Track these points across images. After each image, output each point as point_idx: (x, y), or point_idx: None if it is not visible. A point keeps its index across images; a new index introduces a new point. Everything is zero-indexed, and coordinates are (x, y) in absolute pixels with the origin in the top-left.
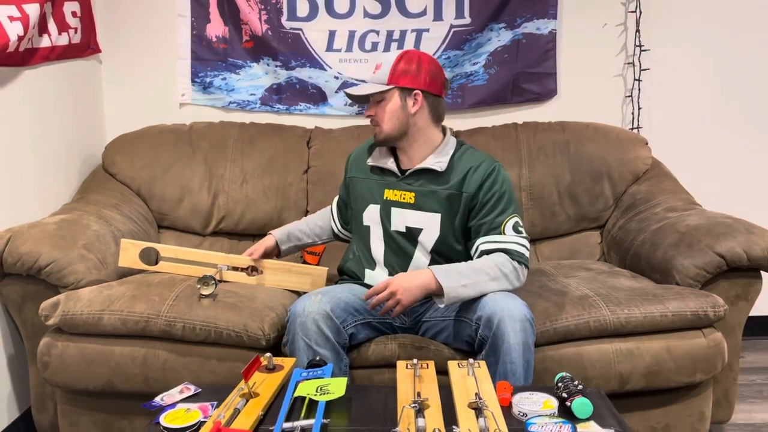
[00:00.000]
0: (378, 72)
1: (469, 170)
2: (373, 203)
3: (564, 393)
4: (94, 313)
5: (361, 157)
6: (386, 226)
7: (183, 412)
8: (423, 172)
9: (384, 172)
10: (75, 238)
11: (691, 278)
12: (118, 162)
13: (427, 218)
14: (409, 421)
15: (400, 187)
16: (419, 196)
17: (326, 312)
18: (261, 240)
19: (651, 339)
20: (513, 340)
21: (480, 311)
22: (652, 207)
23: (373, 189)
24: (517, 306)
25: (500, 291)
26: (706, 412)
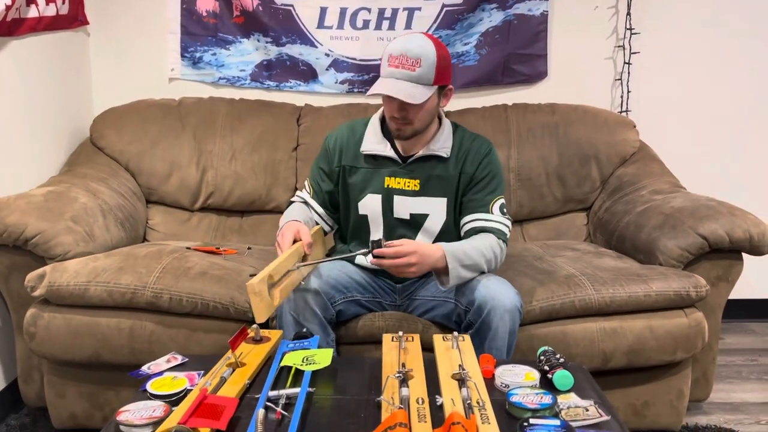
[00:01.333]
0: (419, 70)
1: (468, 151)
2: (372, 192)
3: (546, 366)
4: (80, 284)
5: (351, 144)
6: (388, 215)
7: (170, 379)
8: (427, 157)
9: (380, 159)
10: (62, 210)
11: (674, 259)
12: (107, 136)
13: (434, 204)
14: (393, 390)
15: (403, 175)
16: (425, 182)
17: (314, 288)
18: (296, 228)
19: (634, 318)
20: (501, 329)
21: (471, 296)
22: (638, 189)
23: (370, 178)
24: (509, 294)
25: (492, 275)
26: (685, 390)
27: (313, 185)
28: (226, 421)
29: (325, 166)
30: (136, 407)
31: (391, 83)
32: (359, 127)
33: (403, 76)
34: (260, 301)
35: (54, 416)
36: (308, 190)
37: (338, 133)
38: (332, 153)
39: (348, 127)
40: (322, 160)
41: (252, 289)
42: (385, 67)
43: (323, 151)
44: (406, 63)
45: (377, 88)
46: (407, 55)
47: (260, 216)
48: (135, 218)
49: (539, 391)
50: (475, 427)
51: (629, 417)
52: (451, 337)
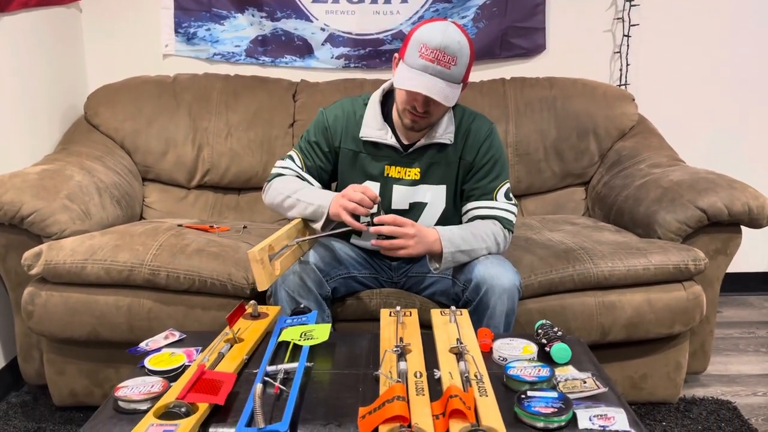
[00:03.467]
0: (454, 68)
1: (468, 134)
2: (370, 179)
3: (543, 339)
4: (77, 262)
5: (350, 126)
6: (386, 204)
7: (168, 355)
8: (429, 145)
9: (380, 146)
10: (58, 188)
11: (672, 232)
12: (101, 113)
13: (434, 192)
14: (391, 364)
15: (403, 164)
16: (426, 170)
17: (309, 265)
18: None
19: (633, 292)
20: (498, 309)
21: (469, 274)
22: (636, 163)
23: (368, 165)
24: (507, 274)
25: (492, 256)
26: (683, 362)
27: (305, 159)
28: (224, 396)
29: (323, 142)
30: (135, 383)
31: (427, 80)
32: (359, 107)
33: (437, 73)
34: (262, 268)
35: (54, 394)
36: (299, 163)
37: (338, 111)
38: (332, 131)
39: (348, 105)
40: (319, 134)
41: (254, 257)
42: (416, 57)
43: (320, 126)
44: (443, 59)
45: (411, 83)
46: (446, 52)
47: (257, 193)
48: (131, 196)
49: (537, 364)
50: (473, 399)
51: (627, 390)
52: (449, 312)
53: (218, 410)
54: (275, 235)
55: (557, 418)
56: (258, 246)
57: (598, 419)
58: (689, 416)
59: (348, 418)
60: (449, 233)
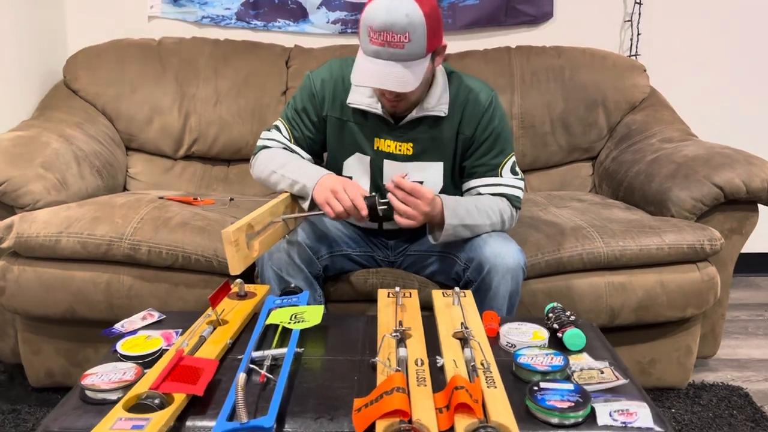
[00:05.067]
0: (408, 46)
1: (465, 106)
2: (360, 152)
3: (555, 324)
4: (50, 235)
5: (338, 92)
6: (376, 180)
7: (143, 339)
8: (422, 118)
9: (370, 115)
10: (32, 156)
11: (687, 211)
12: (81, 77)
13: (429, 169)
14: (389, 350)
15: (394, 137)
16: (419, 145)
17: (297, 241)
18: (350, 182)
19: (644, 272)
20: (501, 289)
21: (471, 253)
22: (647, 138)
23: (357, 136)
24: (511, 253)
25: (496, 234)
26: (693, 347)
27: (293, 130)
28: (203, 386)
29: (311, 110)
30: (105, 369)
31: (380, 68)
32: (348, 71)
33: (390, 56)
34: (236, 251)
35: (30, 374)
36: (286, 135)
37: (325, 74)
38: (320, 97)
39: (336, 68)
40: (306, 101)
41: (227, 237)
42: (368, 43)
43: (308, 92)
44: (392, 40)
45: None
46: (393, 31)
47: (248, 164)
48: (113, 166)
49: (549, 352)
50: (480, 391)
51: (635, 375)
52: (452, 293)
53: (197, 401)
54: (257, 211)
55: (574, 413)
56: (234, 225)
57: (619, 415)
58: (699, 402)
59: (342, 411)
60: (454, 203)
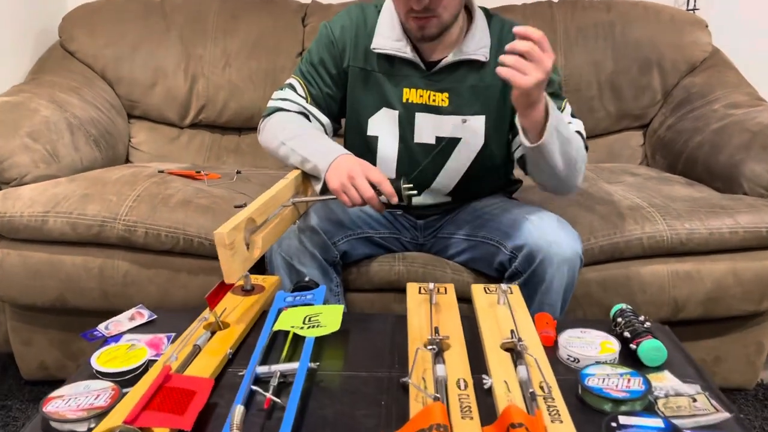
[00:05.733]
0: None
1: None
2: (386, 107)
3: (627, 332)
4: (36, 215)
5: (361, 38)
6: (406, 138)
7: (125, 349)
8: (459, 63)
9: (398, 63)
10: (18, 124)
11: (763, 187)
12: (78, 38)
13: (468, 124)
14: (424, 367)
15: (427, 86)
16: (456, 96)
17: (309, 224)
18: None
19: (714, 260)
20: (556, 283)
21: (519, 239)
22: (709, 103)
23: (384, 87)
24: (568, 241)
25: (546, 213)
26: (766, 343)
27: (309, 86)
28: (192, 417)
29: (330, 63)
30: (74, 391)
31: None
32: (370, 14)
33: None
34: (232, 254)
35: (22, 366)
36: (301, 93)
37: (345, 20)
38: (339, 46)
39: (356, 12)
40: (323, 52)
41: (221, 240)
42: None
43: (326, 41)
44: None
45: None
46: None
47: None
48: (113, 135)
49: (624, 371)
50: (543, 428)
51: None
52: (497, 289)
53: None
54: (261, 198)
55: None
56: (230, 222)
57: None
58: None
59: None
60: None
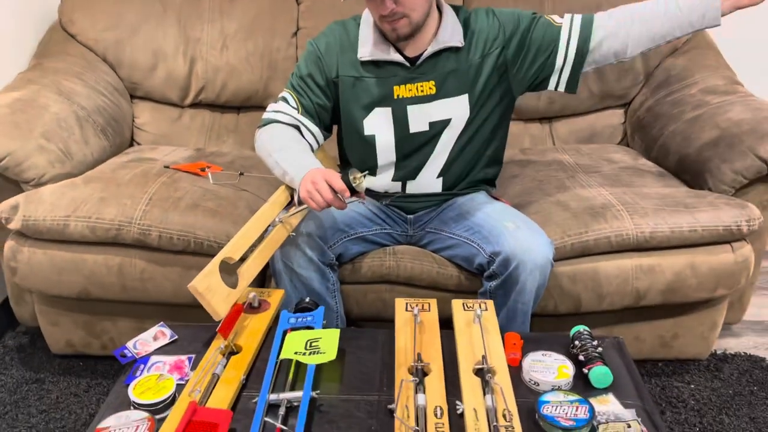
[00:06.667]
0: None
1: (479, 35)
2: (379, 106)
3: (581, 356)
4: (58, 219)
5: (347, 50)
6: (402, 130)
7: (154, 380)
8: (439, 53)
9: (384, 65)
10: (32, 125)
11: (726, 184)
12: (78, 21)
13: (455, 104)
14: (407, 395)
15: (414, 80)
16: (441, 81)
17: (306, 231)
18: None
19: (674, 254)
20: (530, 285)
21: (497, 246)
22: (688, 86)
23: (374, 89)
24: (540, 248)
25: (522, 220)
26: (719, 321)
27: (300, 98)
28: None
29: (319, 75)
30: (117, 422)
31: None
32: (351, 28)
33: None
34: (211, 297)
35: (50, 342)
36: (293, 104)
37: (329, 37)
38: (326, 60)
39: (338, 29)
40: (311, 66)
41: (194, 290)
42: None
43: (312, 57)
44: None
45: None
46: None
47: (258, 112)
48: (118, 120)
49: (575, 398)
50: None
51: (656, 348)
52: (474, 305)
53: None
54: (237, 236)
55: None
56: (202, 273)
57: None
58: (719, 377)
59: None
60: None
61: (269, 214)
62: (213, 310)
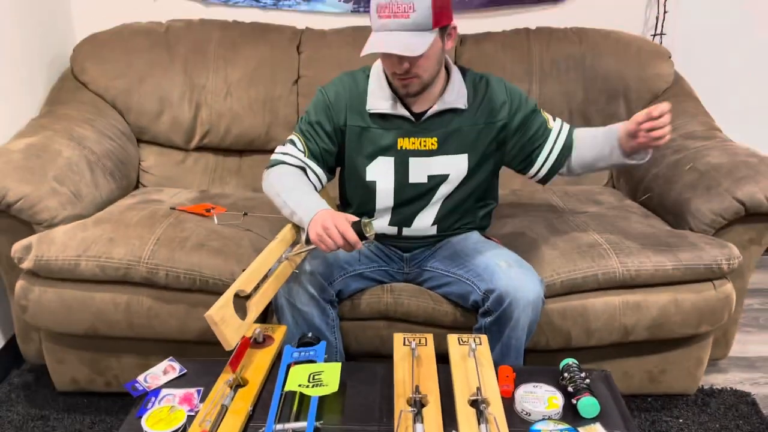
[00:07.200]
0: (414, 15)
1: (484, 99)
2: (383, 155)
3: (570, 387)
4: (70, 259)
5: (355, 101)
6: (401, 179)
7: (166, 411)
8: (443, 112)
9: (390, 117)
10: (45, 169)
11: (706, 224)
12: (89, 70)
13: (454, 161)
14: (406, 425)
15: (418, 134)
16: (443, 139)
17: (308, 268)
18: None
19: (659, 291)
20: (522, 321)
21: (491, 284)
22: None
23: (380, 139)
24: (532, 286)
25: (515, 261)
26: (704, 358)
27: (308, 142)
28: None
29: (326, 122)
30: None
31: (385, 37)
32: (361, 80)
33: (397, 26)
34: (225, 327)
35: (55, 380)
36: (300, 147)
37: (338, 87)
38: (335, 109)
39: (348, 80)
40: (320, 114)
41: (211, 320)
42: (376, 20)
43: (321, 105)
44: (397, 11)
45: (370, 45)
46: (398, 2)
47: (260, 156)
48: (125, 164)
49: (564, 428)
50: None
51: (645, 384)
52: (468, 340)
53: None
54: (249, 270)
55: None
56: (217, 303)
57: None
58: (707, 411)
59: None
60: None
61: (277, 251)
62: (225, 340)
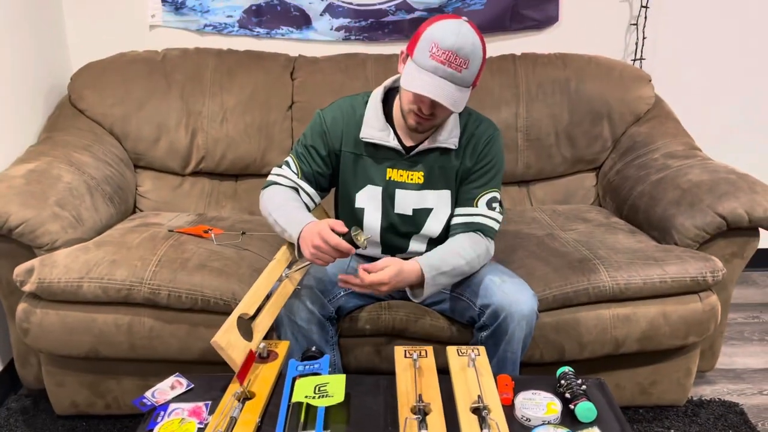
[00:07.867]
0: (465, 72)
1: (470, 139)
2: (372, 184)
3: (567, 393)
4: (72, 281)
5: (351, 128)
6: (388, 209)
7: (177, 423)
8: (432, 149)
9: (381, 148)
10: (46, 194)
11: (690, 239)
12: (87, 97)
13: (438, 197)
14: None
15: (406, 167)
16: (429, 174)
17: (308, 285)
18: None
19: (648, 304)
20: (517, 335)
21: (486, 299)
22: (651, 152)
23: (370, 168)
24: (526, 300)
25: (509, 276)
26: (693, 368)
27: (301, 164)
28: None
29: (321, 147)
30: None
31: (436, 83)
32: (359, 106)
33: (447, 76)
34: (232, 351)
35: (55, 403)
36: (294, 169)
37: (336, 112)
38: (331, 134)
39: (347, 105)
40: (316, 138)
41: (217, 346)
42: (427, 57)
43: (318, 129)
44: (454, 62)
45: (421, 85)
46: (458, 54)
47: (255, 180)
48: (124, 189)
49: (563, 430)
50: None
51: (635, 395)
52: (467, 351)
53: None
54: (250, 292)
55: None
56: (222, 329)
57: None
58: (697, 422)
59: None
60: (428, 258)
61: (276, 271)
62: (234, 363)
